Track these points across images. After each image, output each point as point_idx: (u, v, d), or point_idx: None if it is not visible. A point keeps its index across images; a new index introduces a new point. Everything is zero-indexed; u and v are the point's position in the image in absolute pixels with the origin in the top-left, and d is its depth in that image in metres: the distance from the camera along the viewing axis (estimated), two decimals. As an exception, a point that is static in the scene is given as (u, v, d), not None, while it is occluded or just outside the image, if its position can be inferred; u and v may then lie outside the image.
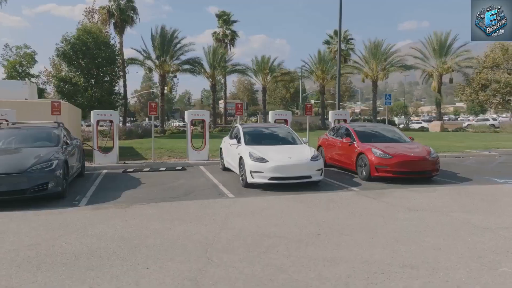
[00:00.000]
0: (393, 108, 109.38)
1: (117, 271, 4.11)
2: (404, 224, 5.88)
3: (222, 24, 46.60)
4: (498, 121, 56.15)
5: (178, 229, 5.67)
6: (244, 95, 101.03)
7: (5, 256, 4.58)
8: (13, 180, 6.88)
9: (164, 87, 38.28)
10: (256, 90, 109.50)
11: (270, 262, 4.35)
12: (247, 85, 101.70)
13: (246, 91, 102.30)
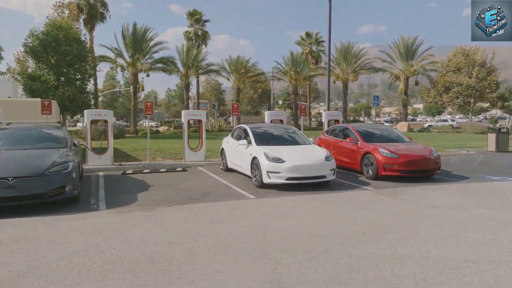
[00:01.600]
0: (357, 109, 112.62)
1: (189, 276, 3.99)
2: (437, 221, 6.09)
3: (193, 23, 46.09)
4: (456, 121, 59.47)
5: (221, 231, 5.58)
6: (211, 95, 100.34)
7: (58, 264, 4.32)
8: (31, 183, 6.49)
9: (137, 86, 37.26)
10: (224, 90, 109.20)
11: (337, 261, 4.39)
12: (215, 85, 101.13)
13: (213, 91, 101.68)
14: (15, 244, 4.98)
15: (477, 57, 37.61)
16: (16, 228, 5.71)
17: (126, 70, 36.74)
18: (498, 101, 38.70)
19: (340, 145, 11.41)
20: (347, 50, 43.32)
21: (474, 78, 36.77)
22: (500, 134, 17.82)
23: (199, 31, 45.47)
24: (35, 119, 11.07)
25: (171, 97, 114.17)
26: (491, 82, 37.30)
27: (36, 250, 4.78)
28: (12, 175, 6.36)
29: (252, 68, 43.04)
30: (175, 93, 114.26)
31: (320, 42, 47.92)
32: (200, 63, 40.57)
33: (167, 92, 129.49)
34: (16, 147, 7.76)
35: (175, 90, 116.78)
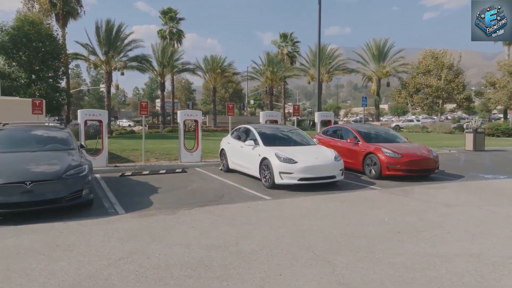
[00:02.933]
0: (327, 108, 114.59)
1: (254, 280, 3.95)
2: (459, 219, 6.32)
3: (167, 21, 45.31)
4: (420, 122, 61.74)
5: (257, 233, 5.55)
6: (181, 94, 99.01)
7: (109, 271, 4.15)
8: (49, 188, 6.18)
9: (111, 85, 36.23)
10: (194, 89, 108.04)
11: (389, 261, 4.47)
12: (185, 84, 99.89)
13: (183, 90, 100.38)
14: (52, 252, 4.74)
15: (446, 60, 39.21)
16: (40, 235, 5.43)
17: (100, 68, 35.60)
18: (464, 102, 40.53)
19: (339, 146, 11.57)
20: (321, 51, 44.02)
21: (443, 80, 38.33)
22: (477, 134, 18.70)
23: (174, 30, 44.76)
24: (25, 119, 10.51)
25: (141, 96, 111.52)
26: (459, 84, 39.02)
27: (77, 257, 4.57)
28: (30, 179, 6.03)
29: (228, 68, 42.81)
30: (144, 92, 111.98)
31: (295, 43, 48.42)
32: (175, 62, 39.97)
33: (134, 91, 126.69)
34: (22, 149, 7.36)
35: (144, 89, 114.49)
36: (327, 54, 44.17)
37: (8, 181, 5.95)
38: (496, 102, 36.90)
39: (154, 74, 39.96)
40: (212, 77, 42.19)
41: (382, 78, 44.20)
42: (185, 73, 50.71)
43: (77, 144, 8.05)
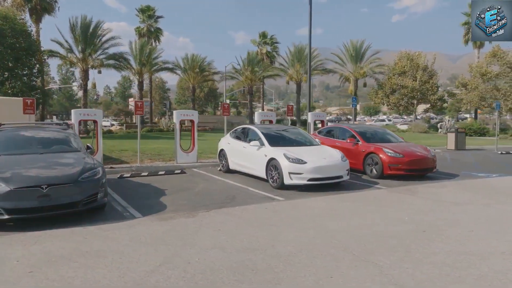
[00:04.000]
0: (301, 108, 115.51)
1: (308, 283, 3.93)
2: (474, 217, 6.53)
3: (145, 19, 44.45)
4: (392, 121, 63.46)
5: (287, 234, 5.52)
6: (155, 93, 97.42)
7: (155, 278, 4.02)
8: (66, 191, 5.91)
9: (87, 83, 35.14)
10: (168, 88, 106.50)
11: (430, 260, 4.54)
12: (159, 82, 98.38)
13: (157, 89, 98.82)
14: (84, 259, 4.54)
15: (421, 62, 40.41)
16: (63, 241, 5.19)
17: (76, 66, 34.48)
18: (438, 103, 41.91)
19: (338, 146, 11.66)
20: (300, 52, 44.47)
21: (418, 81, 39.48)
22: (459, 134, 19.40)
23: (152, 28, 43.97)
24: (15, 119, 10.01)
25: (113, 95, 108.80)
26: (433, 85, 40.31)
27: (113, 264, 4.40)
28: (46, 183, 5.75)
29: (208, 67, 42.48)
30: (117, 91, 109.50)
31: (274, 43, 48.60)
32: (154, 61, 39.28)
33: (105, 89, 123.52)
34: (29, 151, 7.00)
35: (116, 88, 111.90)
36: (306, 54, 44.56)
37: (23, 185, 5.65)
38: (468, 103, 38.33)
39: (131, 73, 39.08)
40: (192, 76, 41.74)
41: (359, 78, 45.04)
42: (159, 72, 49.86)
43: (83, 145, 7.75)
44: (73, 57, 34.14)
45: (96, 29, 34.33)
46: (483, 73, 36.63)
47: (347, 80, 46.57)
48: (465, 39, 43.97)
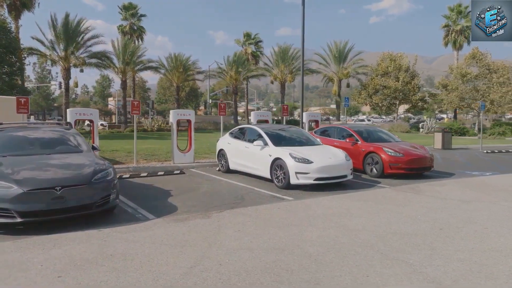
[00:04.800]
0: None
1: (345, 282, 3.93)
2: (485, 214, 6.66)
3: (128, 17, 43.72)
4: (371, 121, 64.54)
5: (310, 234, 5.50)
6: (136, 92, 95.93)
7: (192, 280, 3.94)
8: (80, 193, 5.73)
9: (69, 82, 34.30)
10: (148, 88, 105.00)
11: (458, 257, 4.61)
12: (139, 82, 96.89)
13: (137, 89, 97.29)
14: (111, 262, 4.41)
15: (403, 63, 41.19)
16: (82, 244, 5.03)
17: (58, 64, 33.59)
18: (419, 103, 42.81)
19: (337, 145, 11.68)
20: (284, 52, 44.65)
21: (400, 82, 40.23)
22: (445, 134, 19.87)
23: (135, 26, 43.26)
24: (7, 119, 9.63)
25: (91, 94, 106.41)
26: (414, 85, 41.16)
27: (144, 267, 4.29)
28: (60, 184, 5.56)
29: (192, 67, 42.15)
30: (96, 90, 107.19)
31: (258, 42, 48.64)
32: (138, 59, 38.68)
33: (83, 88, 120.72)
34: (35, 151, 6.75)
35: (95, 87, 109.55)
36: (290, 55, 44.83)
37: (36, 187, 5.45)
38: (449, 103, 39.31)
39: (114, 72, 38.36)
40: (176, 75, 41.29)
41: (342, 79, 45.57)
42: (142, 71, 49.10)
43: (89, 145, 7.54)
44: (54, 55, 33.26)
45: (78, 26, 33.58)
46: (463, 74, 37.67)
47: (330, 80, 47.06)
48: (445, 41, 45.13)
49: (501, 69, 35.48)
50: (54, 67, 34.12)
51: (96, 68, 36.77)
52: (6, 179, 5.47)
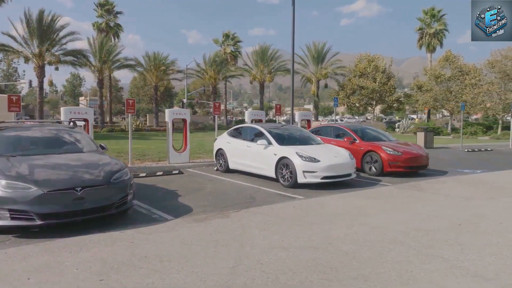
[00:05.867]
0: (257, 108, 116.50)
1: (392, 277, 3.97)
2: (493, 210, 6.89)
3: (103, 14, 42.62)
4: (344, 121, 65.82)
5: (335, 233, 5.52)
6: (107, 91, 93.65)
7: (240, 280, 3.88)
8: (100, 194, 5.53)
9: (43, 80, 33.10)
10: (121, 87, 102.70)
11: (489, 252, 4.74)
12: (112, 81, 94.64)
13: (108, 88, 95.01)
14: (148, 264, 4.27)
15: (380, 64, 42.13)
16: (108, 247, 4.84)
17: (31, 61, 32.34)
18: (395, 104, 43.92)
19: (334, 144, 11.87)
20: (264, 52, 44.76)
21: (377, 82, 41.14)
22: (427, 133, 20.50)
23: (111, 23, 42.23)
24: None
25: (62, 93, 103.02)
26: (390, 86, 42.20)
27: (186, 268, 4.18)
28: (80, 185, 5.35)
29: (171, 66, 41.56)
30: (66, 89, 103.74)
31: (237, 42, 48.53)
32: (115, 57, 37.78)
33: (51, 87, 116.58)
34: (44, 151, 6.45)
35: (65, 86, 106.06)
36: (269, 55, 44.99)
37: (56, 187, 5.22)
38: (424, 104, 40.56)
39: (91, 70, 37.31)
40: (154, 74, 40.60)
41: (320, 79, 46.14)
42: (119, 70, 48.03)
43: (97, 144, 7.29)
44: (27, 52, 32.02)
45: (52, 23, 32.48)
46: (437, 76, 38.97)
47: (309, 81, 47.54)
48: (419, 44, 46.52)
49: (473, 71, 36.94)
50: (26, 64, 32.51)
51: (72, 66, 35.66)
52: (23, 179, 5.21)
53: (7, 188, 5.10)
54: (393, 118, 67.59)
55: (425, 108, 45.04)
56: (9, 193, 5.06)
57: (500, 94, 33.90)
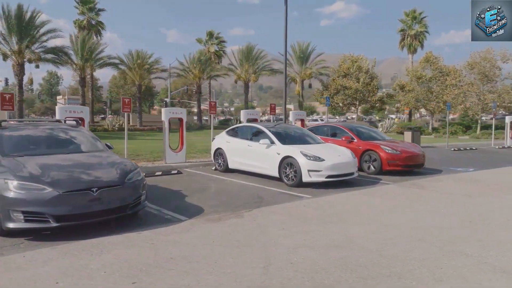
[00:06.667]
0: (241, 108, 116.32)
1: (425, 274, 4.01)
2: (498, 207, 7.08)
3: (85, 11, 41.66)
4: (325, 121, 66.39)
5: (354, 230, 5.56)
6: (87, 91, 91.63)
7: (276, 280, 3.84)
8: (115, 194, 5.38)
9: (23, 78, 32.10)
10: (100, 86, 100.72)
11: (509, 248, 4.86)
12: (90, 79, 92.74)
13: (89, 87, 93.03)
14: (176, 266, 4.18)
15: (363, 64, 42.72)
16: (131, 249, 4.72)
17: (10, 59, 31.32)
18: (377, 104, 44.64)
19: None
20: (249, 52, 44.71)
21: (361, 82, 41.71)
22: (415, 132, 20.87)
23: (93, 21, 41.33)
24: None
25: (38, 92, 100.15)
26: (374, 86, 42.86)
27: (216, 269, 4.11)
28: (96, 185, 5.19)
29: (155, 64, 41.01)
30: (42, 88, 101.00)
31: (221, 42, 48.31)
32: (98, 55, 37.00)
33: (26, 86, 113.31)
34: (52, 150, 6.22)
35: (41, 84, 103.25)
36: (254, 55, 44.98)
37: (72, 188, 5.04)
38: (406, 104, 41.37)
39: (72, 68, 36.43)
40: (138, 73, 39.97)
41: (305, 79, 46.42)
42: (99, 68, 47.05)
43: (103, 143, 7.10)
44: (6, 49, 30.99)
45: (32, 19, 31.54)
46: (418, 76, 39.82)
47: (293, 80, 47.76)
48: (401, 45, 47.38)
49: (453, 72, 37.90)
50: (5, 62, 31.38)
51: (53, 65, 34.72)
52: (37, 180, 5.01)
53: (20, 189, 4.90)
54: (373, 118, 68.62)
55: (406, 108, 46.01)
56: (22, 195, 4.87)
57: (479, 94, 34.90)
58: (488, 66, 34.59)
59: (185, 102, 74.66)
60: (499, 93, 33.87)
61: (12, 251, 4.64)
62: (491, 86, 35.09)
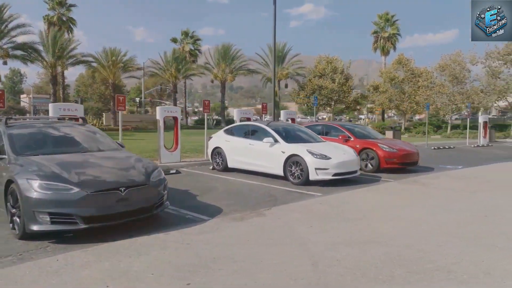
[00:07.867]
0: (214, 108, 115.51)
1: (472, 267, 4.10)
2: (503, 203, 7.36)
3: (55, 6, 40.09)
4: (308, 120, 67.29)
5: (381, 226, 5.62)
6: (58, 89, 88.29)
7: (331, 278, 3.82)
8: (142, 194, 5.19)
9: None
10: (67, 84, 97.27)
11: (532, 240, 5.07)
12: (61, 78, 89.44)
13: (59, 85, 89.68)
14: (223, 265, 4.08)
15: (338, 65, 43.43)
16: (168, 250, 4.56)
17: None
18: (351, 104, 45.53)
19: (327, 142, 12.08)
20: (225, 51, 44.50)
21: (336, 83, 42.40)
22: (395, 132, 21.46)
23: (64, 17, 39.84)
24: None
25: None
26: (348, 87, 43.68)
27: (269, 268, 4.05)
28: (123, 185, 4.98)
29: (130, 63, 40.05)
30: (4, 85, 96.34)
31: (196, 41, 47.83)
32: (70, 53, 35.71)
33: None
34: (68, 149, 5.91)
35: (3, 82, 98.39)
36: (231, 54, 44.81)
37: (100, 188, 4.82)
38: (380, 105, 42.44)
39: (43, 66, 34.98)
40: (112, 71, 38.90)
41: (281, 79, 46.69)
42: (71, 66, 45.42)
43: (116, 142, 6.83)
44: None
45: (0, 12, 30.05)
46: (391, 78, 40.95)
47: (269, 80, 47.88)
48: (374, 47, 48.53)
49: (425, 74, 39.24)
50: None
51: (22, 62, 33.20)
52: (61, 180, 4.75)
53: (46, 189, 4.63)
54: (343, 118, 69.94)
55: (379, 108, 47.22)
56: (49, 195, 4.60)
57: (450, 95, 36.27)
58: (458, 68, 36.00)
59: (156, 102, 73.41)
60: (468, 94, 35.31)
61: (41, 255, 4.39)
62: (460, 87, 36.53)
